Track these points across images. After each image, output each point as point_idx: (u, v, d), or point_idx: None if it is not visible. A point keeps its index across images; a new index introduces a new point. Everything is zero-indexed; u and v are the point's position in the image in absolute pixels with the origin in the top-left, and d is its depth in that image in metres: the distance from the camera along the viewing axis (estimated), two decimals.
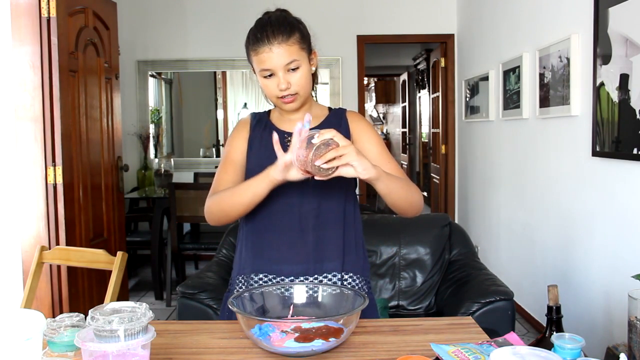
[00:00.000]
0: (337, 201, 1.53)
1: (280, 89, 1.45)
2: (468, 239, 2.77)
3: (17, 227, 2.74)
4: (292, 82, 1.45)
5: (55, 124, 2.74)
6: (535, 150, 3.57)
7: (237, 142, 1.58)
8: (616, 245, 2.62)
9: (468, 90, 5.09)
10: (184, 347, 1.25)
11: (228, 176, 1.54)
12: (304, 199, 1.49)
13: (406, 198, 1.44)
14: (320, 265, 1.50)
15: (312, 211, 1.50)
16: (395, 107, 9.86)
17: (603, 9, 2.63)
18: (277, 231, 1.51)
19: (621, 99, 2.49)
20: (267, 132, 1.54)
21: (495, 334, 1.28)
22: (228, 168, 1.55)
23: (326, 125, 1.53)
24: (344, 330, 1.21)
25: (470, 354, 1.08)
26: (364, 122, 1.60)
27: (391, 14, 5.47)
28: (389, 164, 1.52)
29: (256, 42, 1.44)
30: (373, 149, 1.53)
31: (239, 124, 1.63)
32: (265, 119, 1.61)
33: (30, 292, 1.92)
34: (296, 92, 1.47)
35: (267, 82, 1.47)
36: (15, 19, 2.68)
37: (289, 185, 1.41)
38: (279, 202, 1.49)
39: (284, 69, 1.44)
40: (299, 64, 1.45)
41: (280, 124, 1.58)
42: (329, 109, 1.63)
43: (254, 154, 1.54)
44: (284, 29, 1.44)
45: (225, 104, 6.51)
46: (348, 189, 1.56)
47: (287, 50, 1.43)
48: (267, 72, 1.45)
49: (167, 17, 5.54)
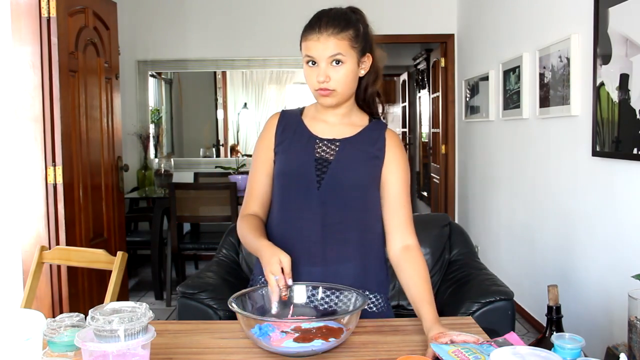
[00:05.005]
0: (360, 221, 1.50)
1: (318, 80, 1.41)
2: (468, 238, 2.76)
3: (17, 227, 2.74)
4: (331, 77, 1.41)
5: (55, 124, 2.74)
6: (535, 150, 3.57)
7: (261, 153, 1.56)
8: (616, 245, 2.62)
9: (468, 90, 5.09)
10: (184, 347, 1.25)
11: (252, 195, 1.55)
12: (327, 210, 1.46)
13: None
14: (339, 279, 1.44)
15: (335, 225, 1.46)
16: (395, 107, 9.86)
17: (603, 9, 2.63)
18: (298, 240, 1.47)
19: (621, 99, 2.49)
20: (298, 135, 1.52)
21: (495, 334, 1.28)
22: (252, 184, 1.56)
23: (362, 137, 1.50)
24: (344, 330, 1.21)
25: (470, 354, 1.08)
26: (401, 151, 1.54)
27: (391, 14, 5.47)
28: (404, 208, 1.49)
29: (309, 28, 1.43)
30: (396, 186, 1.50)
31: (264, 129, 1.58)
32: (297, 120, 1.55)
33: (30, 292, 1.92)
34: (334, 88, 1.42)
35: (309, 70, 1.44)
36: (15, 19, 2.68)
37: (308, 197, 1.44)
38: (302, 211, 1.47)
39: (327, 60, 1.41)
40: (344, 60, 1.41)
41: (313, 126, 1.53)
42: (370, 119, 1.57)
43: (281, 158, 1.52)
44: (338, 23, 1.42)
45: (225, 104, 6.51)
46: (373, 205, 1.52)
47: (335, 43, 1.40)
48: (310, 59, 1.42)
49: (167, 17, 5.54)
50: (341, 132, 1.51)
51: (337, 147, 1.49)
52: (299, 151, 1.49)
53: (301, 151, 1.49)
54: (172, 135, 6.39)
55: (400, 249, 1.47)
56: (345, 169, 1.47)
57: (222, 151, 6.53)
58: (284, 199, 1.50)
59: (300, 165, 1.47)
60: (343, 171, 1.46)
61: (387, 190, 1.50)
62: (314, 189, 1.45)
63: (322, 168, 1.46)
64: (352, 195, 1.47)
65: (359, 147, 1.50)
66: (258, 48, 5.43)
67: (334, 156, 1.47)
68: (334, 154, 1.48)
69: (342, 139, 1.50)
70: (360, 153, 1.49)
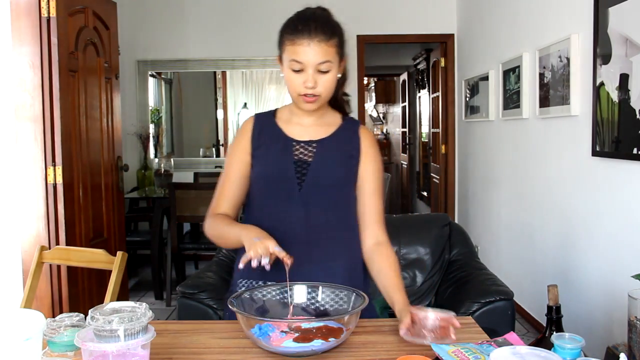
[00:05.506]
0: (342, 219, 1.52)
1: (306, 86, 1.42)
2: (468, 238, 2.77)
3: (17, 227, 2.74)
4: (319, 83, 1.42)
5: (55, 124, 2.74)
6: (535, 150, 3.57)
7: (236, 155, 1.55)
8: (616, 245, 2.62)
9: (468, 90, 5.09)
10: (184, 347, 1.25)
11: (225, 195, 1.54)
12: (310, 211, 1.47)
13: None
14: (327, 279, 1.44)
15: (320, 225, 1.48)
16: (395, 107, 9.85)
17: (603, 9, 2.63)
18: (282, 242, 1.44)
19: (621, 99, 2.49)
20: (274, 139, 1.52)
21: (495, 333, 1.28)
22: (225, 185, 1.55)
23: (338, 137, 1.52)
24: (344, 330, 1.21)
25: (470, 353, 1.08)
26: (375, 149, 1.58)
27: (391, 14, 5.47)
28: (378, 205, 1.53)
29: (297, 32, 1.41)
30: (371, 183, 1.53)
31: (239, 132, 1.59)
32: (272, 123, 1.56)
33: (30, 292, 1.92)
34: (320, 93, 1.44)
35: (293, 75, 1.43)
36: (15, 19, 2.68)
37: (290, 199, 1.44)
38: (286, 213, 1.48)
39: (315, 67, 1.41)
40: (330, 67, 1.43)
41: (288, 129, 1.54)
42: (342, 118, 1.59)
43: (259, 163, 1.52)
44: (327, 29, 1.42)
45: (225, 104, 6.50)
46: (353, 203, 1.54)
47: (325, 50, 1.41)
48: (297, 65, 1.41)
49: (167, 17, 5.54)
50: (317, 133, 1.53)
51: (314, 148, 1.51)
52: (277, 155, 1.50)
53: (280, 155, 1.50)
54: (172, 135, 6.39)
55: (373, 244, 1.52)
56: (324, 169, 1.49)
57: (222, 151, 6.53)
58: (266, 202, 1.51)
59: (281, 168, 1.49)
60: (322, 172, 1.49)
61: (362, 187, 1.53)
62: (295, 191, 1.47)
63: (302, 170, 1.48)
64: (333, 194, 1.50)
65: (335, 147, 1.52)
66: (258, 48, 5.42)
67: (313, 157, 1.50)
68: (312, 155, 1.50)
69: (318, 140, 1.52)
70: (338, 153, 1.52)
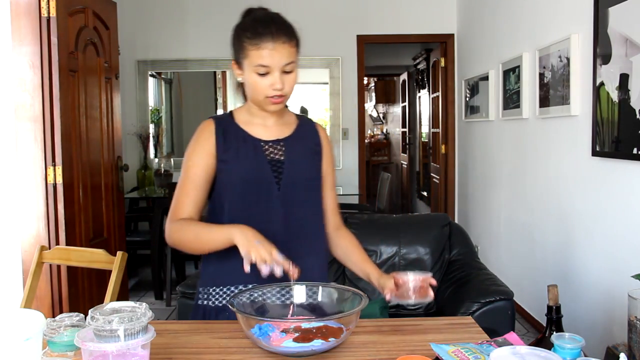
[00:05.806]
0: (317, 214, 1.59)
1: (274, 88, 1.43)
2: (468, 238, 2.77)
3: (17, 227, 2.74)
4: (285, 83, 1.45)
5: (55, 124, 2.74)
6: (535, 150, 3.57)
7: (198, 158, 1.52)
8: (616, 245, 2.62)
9: (468, 90, 5.09)
10: (184, 347, 1.25)
11: (189, 198, 1.49)
12: (289, 209, 1.50)
13: None
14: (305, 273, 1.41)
15: (298, 221, 1.52)
16: (395, 107, 9.85)
17: (603, 9, 2.63)
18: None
19: (621, 99, 2.49)
20: (241, 141, 1.51)
21: (495, 333, 1.28)
22: (188, 189, 1.51)
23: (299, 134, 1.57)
24: (343, 330, 1.21)
25: (470, 353, 1.08)
26: (330, 143, 1.68)
27: (391, 14, 5.46)
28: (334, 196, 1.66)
29: (259, 36, 1.41)
30: (330, 176, 1.64)
31: (200, 135, 1.54)
32: (234, 125, 1.54)
33: (30, 292, 1.92)
34: (286, 93, 1.47)
35: (259, 79, 1.44)
36: (15, 19, 2.68)
37: (270, 199, 1.47)
38: (265, 213, 1.48)
39: (281, 69, 1.43)
40: (293, 67, 1.46)
41: (250, 128, 1.54)
42: (296, 116, 1.64)
43: (233, 166, 1.49)
44: (287, 30, 1.45)
45: (225, 104, 6.50)
46: (322, 197, 1.62)
47: (289, 51, 1.43)
48: (263, 69, 1.42)
49: (167, 17, 5.54)
50: (280, 132, 1.56)
51: (282, 147, 1.54)
52: (250, 157, 1.50)
53: (253, 156, 1.50)
54: (172, 135, 6.39)
55: (334, 229, 1.65)
56: (297, 167, 1.53)
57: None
58: (243, 204, 1.48)
59: (258, 170, 1.49)
60: (296, 169, 1.53)
61: (324, 181, 1.62)
62: (274, 190, 1.49)
63: (278, 169, 1.50)
64: (308, 190, 1.56)
65: (301, 144, 1.57)
66: None
67: (284, 156, 1.52)
68: (282, 154, 1.53)
69: (284, 138, 1.55)
70: (305, 149, 1.57)
